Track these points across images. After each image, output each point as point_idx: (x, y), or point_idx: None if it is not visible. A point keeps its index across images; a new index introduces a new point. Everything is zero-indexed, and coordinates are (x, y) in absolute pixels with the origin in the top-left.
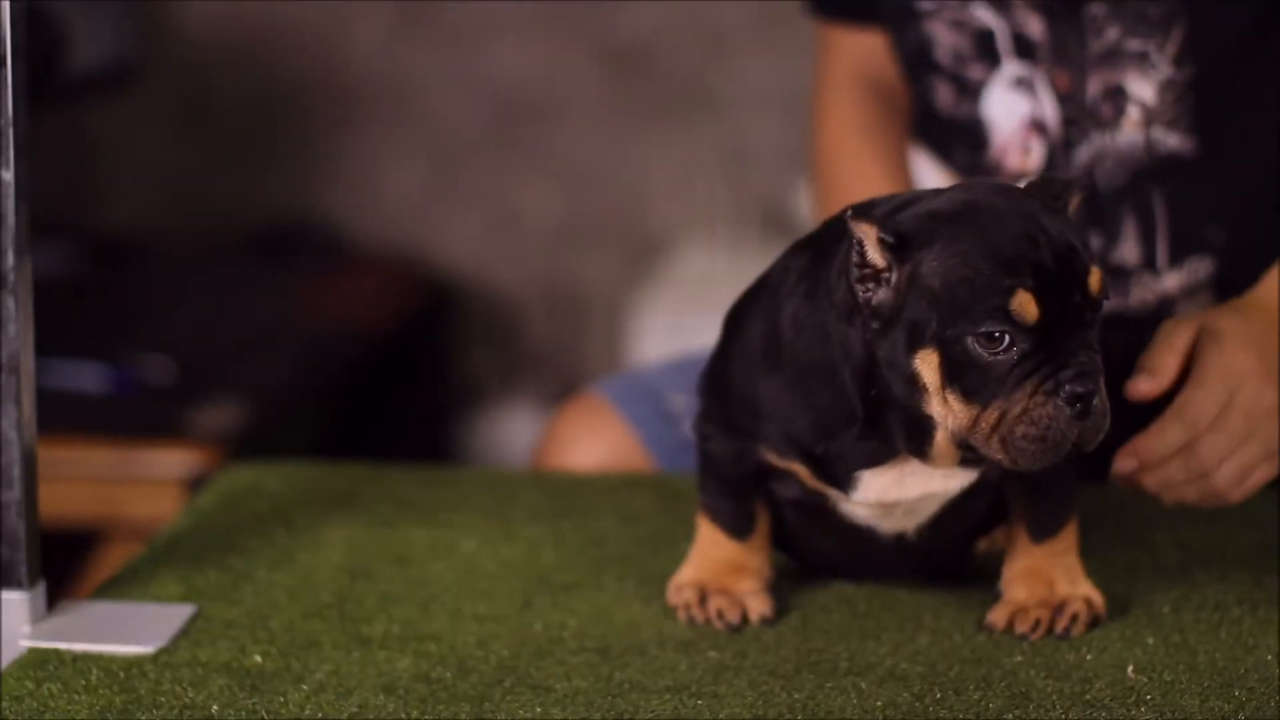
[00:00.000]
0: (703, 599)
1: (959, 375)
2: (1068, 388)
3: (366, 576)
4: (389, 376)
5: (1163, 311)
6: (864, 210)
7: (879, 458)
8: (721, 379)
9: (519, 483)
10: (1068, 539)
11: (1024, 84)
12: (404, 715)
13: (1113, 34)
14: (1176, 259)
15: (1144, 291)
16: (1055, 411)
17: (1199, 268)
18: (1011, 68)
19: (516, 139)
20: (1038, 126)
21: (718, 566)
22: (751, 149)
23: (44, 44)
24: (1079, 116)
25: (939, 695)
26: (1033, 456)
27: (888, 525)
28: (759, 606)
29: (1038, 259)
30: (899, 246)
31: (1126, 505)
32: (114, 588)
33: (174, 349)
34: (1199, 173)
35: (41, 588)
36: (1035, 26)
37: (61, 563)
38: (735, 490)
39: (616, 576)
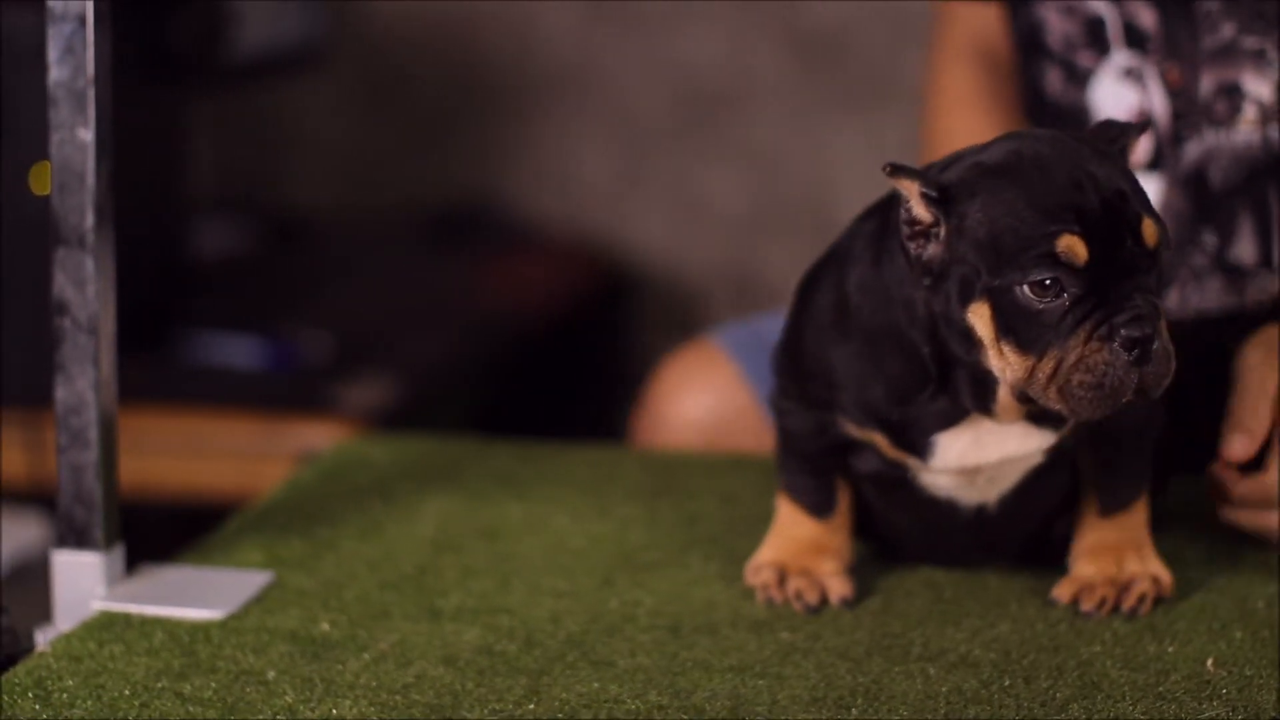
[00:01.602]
0: (782, 580)
1: (1012, 326)
2: (1123, 332)
3: (452, 549)
4: (562, 360)
5: None
6: (907, 166)
7: (953, 419)
8: (795, 351)
9: (621, 460)
10: (1138, 515)
11: (1133, 75)
12: (459, 686)
13: (1228, 30)
14: None
15: (1260, 290)
16: (1111, 357)
17: None
18: (1121, 57)
19: (704, 125)
20: (1145, 119)
21: (798, 547)
22: None
23: (207, 25)
24: (1190, 111)
25: (1007, 683)
26: (1091, 405)
27: (969, 496)
28: (839, 588)
29: (1084, 204)
30: (943, 200)
31: None
32: (198, 553)
33: (335, 325)
34: None
35: (119, 551)
36: (1147, 17)
37: (201, 534)
38: (815, 467)
39: (703, 556)
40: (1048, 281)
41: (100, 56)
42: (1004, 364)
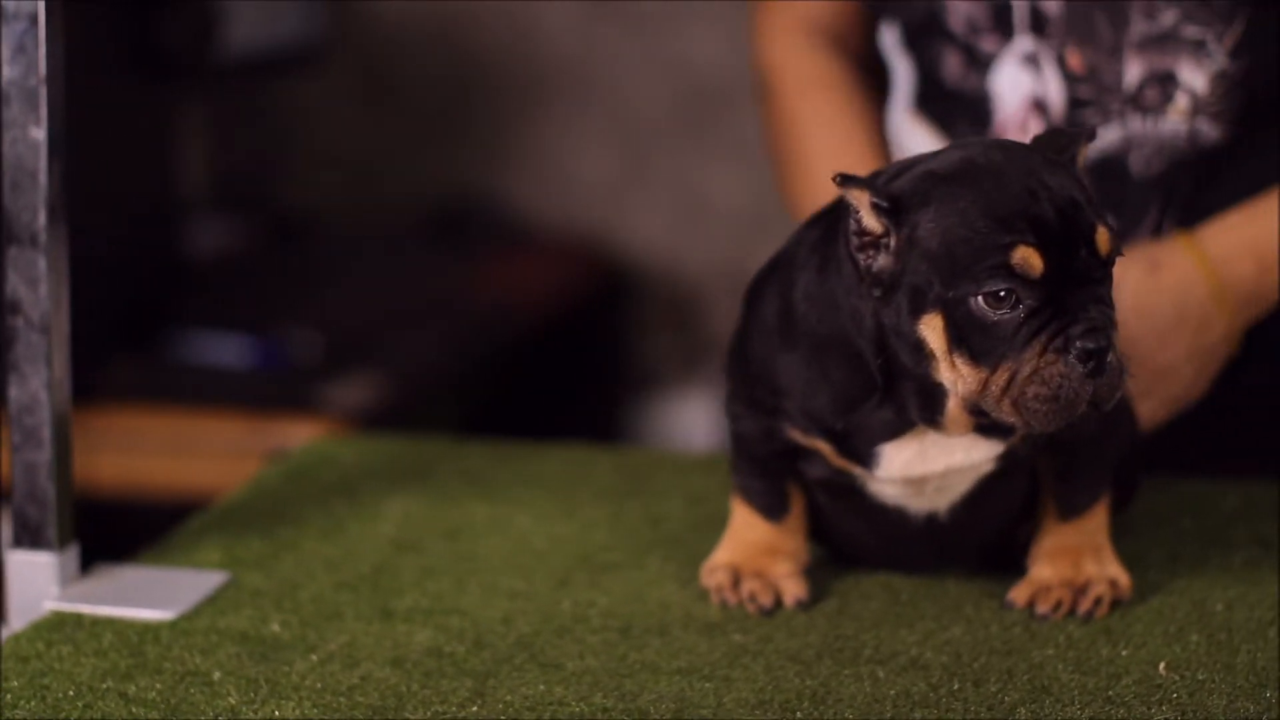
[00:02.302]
0: (736, 581)
1: (965, 337)
2: (1078, 344)
3: (412, 549)
4: (561, 360)
5: None
6: (857, 175)
7: (898, 429)
8: (743, 357)
9: (594, 461)
10: (1098, 518)
11: (1032, 60)
12: (404, 688)
13: (1169, 17)
14: None
15: None
16: (1067, 369)
17: None
18: (1024, 42)
19: (704, 124)
20: (1039, 105)
21: (752, 549)
22: None
23: (197, 22)
24: (1098, 98)
25: (956, 686)
26: (1045, 417)
27: (918, 505)
28: (794, 590)
29: (1039, 214)
30: (894, 210)
31: (1207, 502)
32: (156, 553)
33: (326, 324)
34: (1230, 166)
35: (73, 551)
36: (1054, 3)
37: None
38: (767, 470)
39: (663, 557)
40: (1002, 293)
41: (52, 55)
42: (956, 376)
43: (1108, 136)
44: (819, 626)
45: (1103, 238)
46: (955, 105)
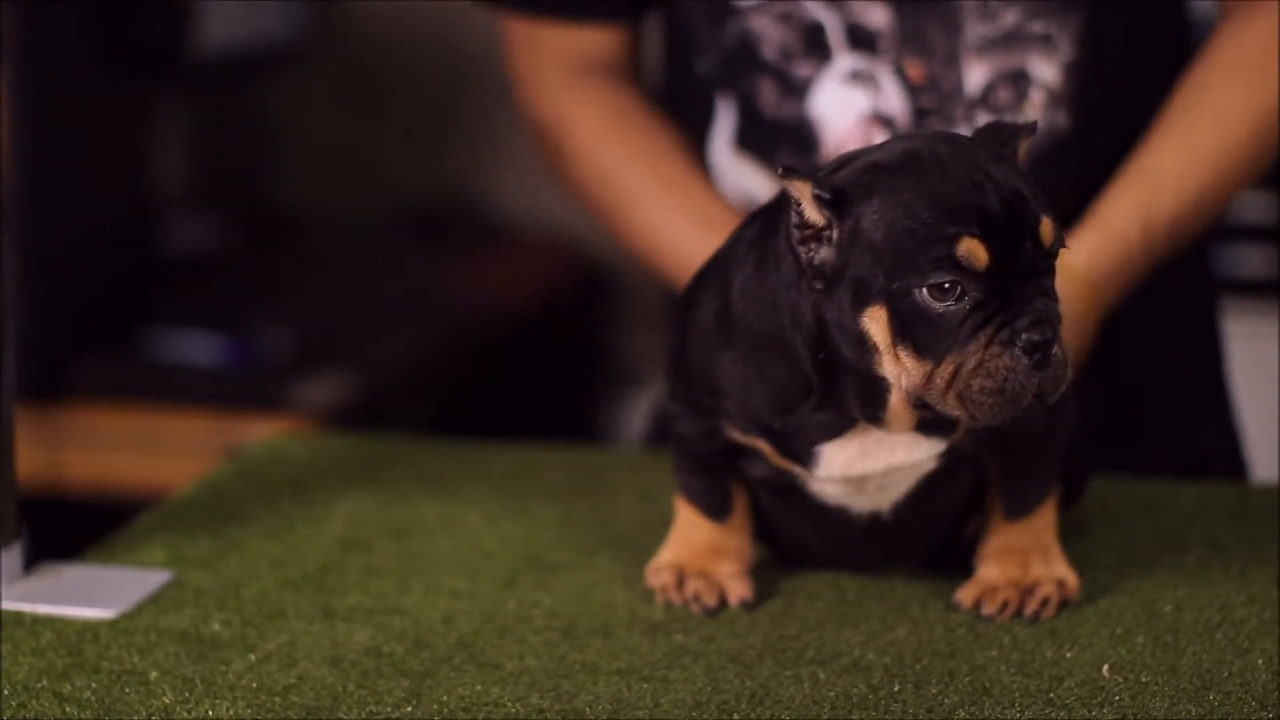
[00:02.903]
0: (680, 582)
1: (910, 330)
2: (1024, 336)
3: (359, 549)
4: (540, 358)
5: None
6: (798, 167)
7: (837, 430)
8: (681, 356)
9: (547, 460)
10: (1045, 518)
11: (862, 77)
12: (340, 688)
13: (1011, 17)
14: None
15: None
16: (1013, 362)
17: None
18: (846, 61)
19: None
20: (881, 120)
21: (697, 548)
22: None
23: (170, 19)
24: (940, 107)
25: (896, 688)
26: (991, 410)
27: (860, 504)
28: (739, 590)
29: (984, 205)
30: (836, 202)
31: (1162, 504)
32: (102, 551)
33: (300, 323)
34: (1081, 151)
35: (16, 549)
36: (877, 16)
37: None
38: (708, 470)
39: (611, 557)
40: (947, 285)
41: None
42: (900, 370)
43: None
44: (762, 627)
45: (1047, 229)
46: (776, 136)
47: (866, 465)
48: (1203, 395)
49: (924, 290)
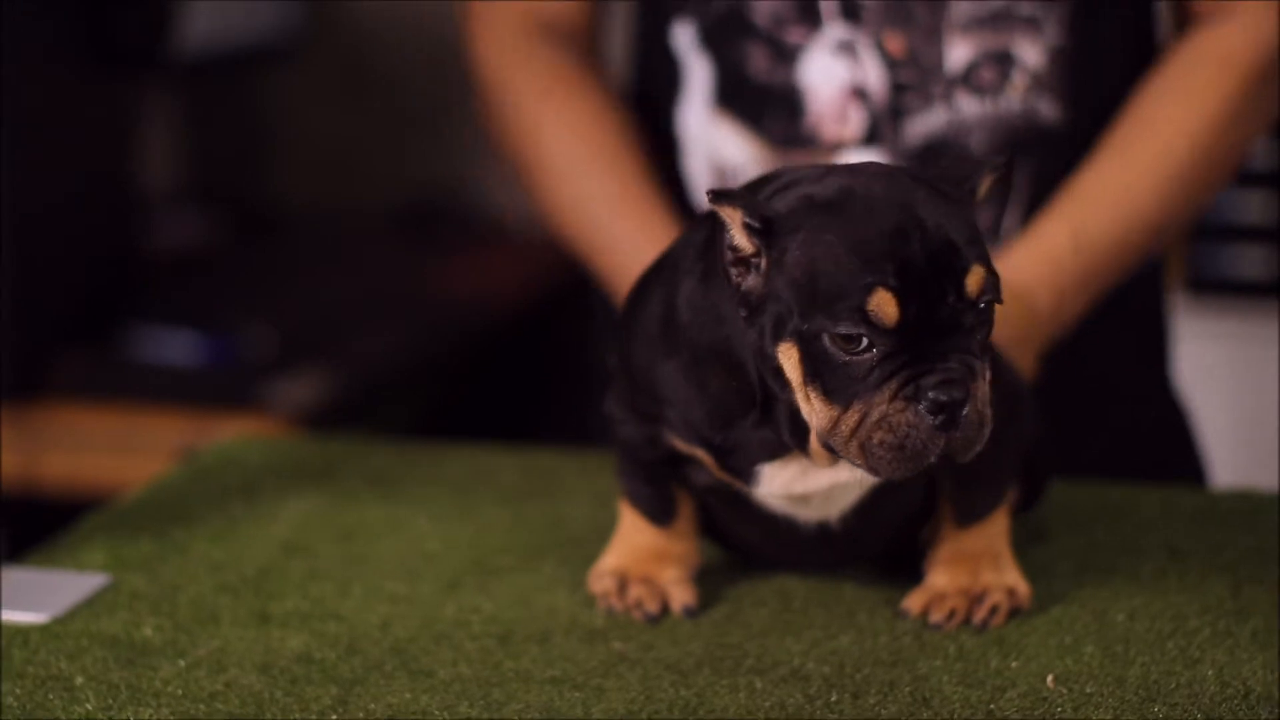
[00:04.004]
0: (623, 587)
1: (819, 373)
2: (930, 395)
3: (302, 552)
4: (526, 356)
5: None
6: (730, 191)
7: (777, 450)
8: (625, 360)
9: (502, 462)
10: (997, 525)
11: (846, 48)
12: (267, 695)
13: None
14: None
15: None
16: (916, 419)
17: None
18: (835, 31)
19: None
20: (858, 93)
21: (640, 554)
22: None
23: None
24: (919, 83)
25: (834, 698)
26: (890, 465)
27: (807, 514)
28: (682, 596)
29: (906, 255)
30: (766, 231)
31: (1124, 510)
32: (44, 554)
33: (283, 321)
34: (1068, 145)
35: None
36: None
37: None
38: (651, 475)
39: (558, 561)
40: (854, 336)
41: None
42: (810, 409)
43: (932, 120)
44: (704, 634)
45: (974, 281)
46: (764, 100)
47: (808, 484)
48: (1147, 384)
49: (832, 337)
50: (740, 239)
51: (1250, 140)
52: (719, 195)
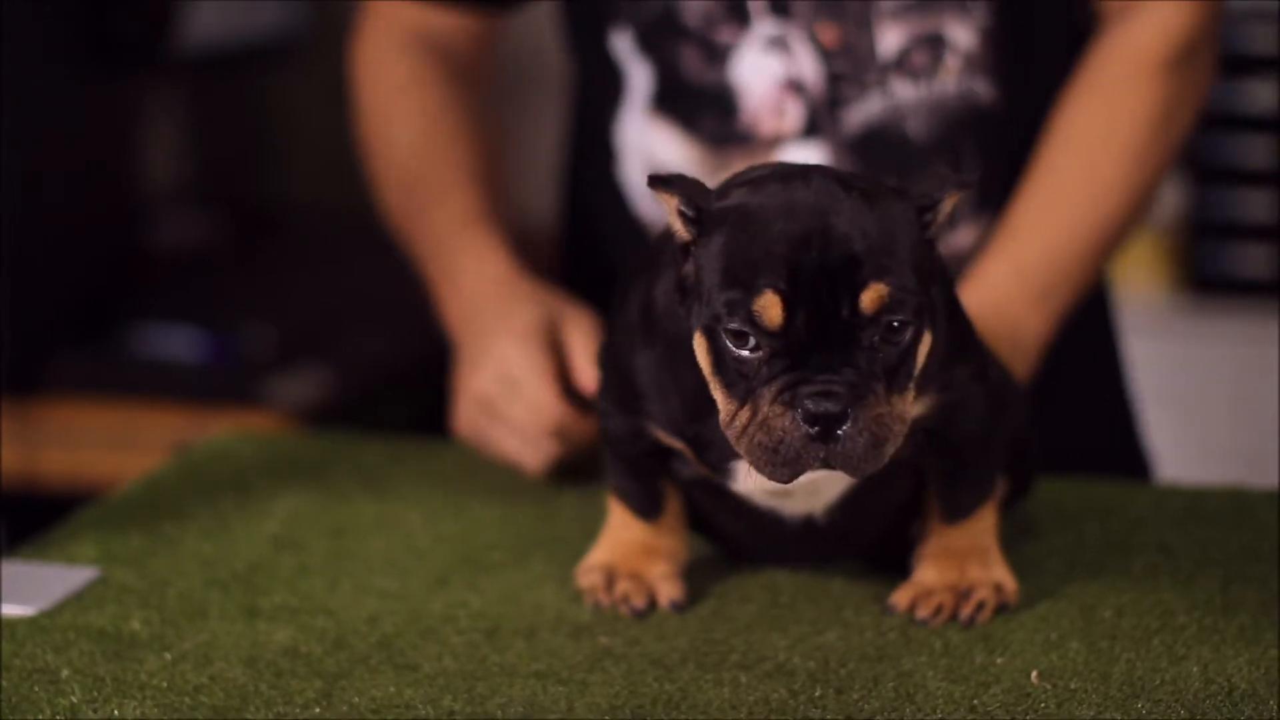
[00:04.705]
0: (610, 582)
1: (720, 366)
2: (806, 404)
3: (293, 547)
4: None
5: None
6: (669, 177)
7: None
8: (610, 353)
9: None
10: (985, 520)
11: (778, 44)
12: (251, 688)
13: None
14: (978, 211)
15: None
16: (791, 426)
17: (994, 221)
18: (765, 28)
19: None
20: (794, 86)
21: (628, 549)
22: None
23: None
24: (853, 72)
25: (818, 693)
26: (766, 467)
27: (791, 507)
28: (669, 591)
29: (801, 263)
30: (699, 221)
31: (1115, 507)
32: (35, 547)
33: (283, 319)
34: (1007, 123)
35: None
36: None
37: None
38: (639, 470)
39: (546, 557)
40: (741, 333)
41: None
42: (719, 401)
43: (869, 108)
44: (690, 629)
45: (871, 298)
46: (698, 101)
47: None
48: (1096, 383)
49: (726, 332)
50: (677, 226)
51: (1183, 130)
52: (657, 180)
